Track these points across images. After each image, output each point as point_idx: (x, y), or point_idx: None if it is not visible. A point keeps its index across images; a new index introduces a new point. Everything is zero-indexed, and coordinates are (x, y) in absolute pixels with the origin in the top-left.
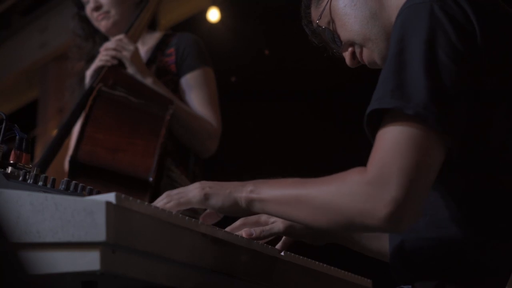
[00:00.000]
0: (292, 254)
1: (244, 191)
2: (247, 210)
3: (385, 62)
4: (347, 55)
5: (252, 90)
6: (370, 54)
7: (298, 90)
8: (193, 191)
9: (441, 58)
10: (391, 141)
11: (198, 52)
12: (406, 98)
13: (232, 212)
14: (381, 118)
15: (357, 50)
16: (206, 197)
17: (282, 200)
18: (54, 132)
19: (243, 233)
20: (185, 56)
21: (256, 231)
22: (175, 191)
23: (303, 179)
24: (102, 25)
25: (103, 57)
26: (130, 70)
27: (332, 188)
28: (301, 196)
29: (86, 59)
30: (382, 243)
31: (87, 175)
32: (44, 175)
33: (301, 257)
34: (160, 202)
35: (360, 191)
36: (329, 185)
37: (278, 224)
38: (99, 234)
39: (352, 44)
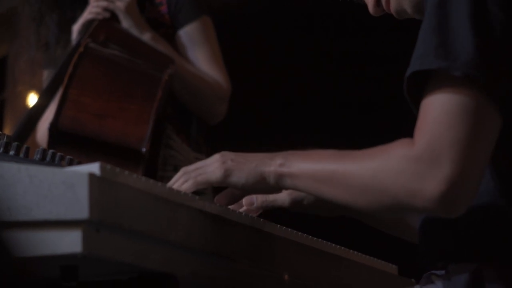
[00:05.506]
0: (305, 235)
1: (273, 164)
2: (275, 186)
3: (417, 10)
4: (370, 1)
5: (261, 49)
6: (399, 1)
7: (314, 50)
8: (212, 166)
9: (490, 7)
10: (440, 110)
11: None
12: (453, 56)
13: (258, 190)
14: (424, 80)
15: None
16: (227, 173)
17: (317, 176)
18: (27, 95)
19: (243, 200)
20: (181, 4)
21: (258, 199)
22: (192, 167)
23: (340, 151)
24: None
25: (93, 9)
26: (125, 23)
27: (375, 163)
28: (339, 172)
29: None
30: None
31: (69, 145)
32: (16, 143)
33: (314, 238)
34: (177, 182)
35: (408, 168)
36: (372, 160)
37: (283, 196)
38: (81, 210)
39: None
